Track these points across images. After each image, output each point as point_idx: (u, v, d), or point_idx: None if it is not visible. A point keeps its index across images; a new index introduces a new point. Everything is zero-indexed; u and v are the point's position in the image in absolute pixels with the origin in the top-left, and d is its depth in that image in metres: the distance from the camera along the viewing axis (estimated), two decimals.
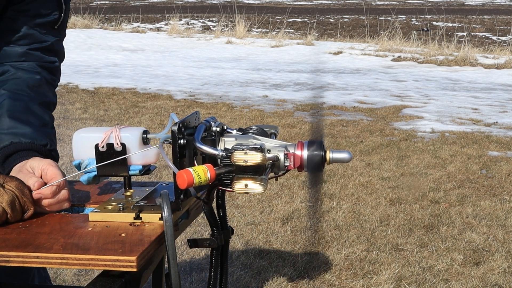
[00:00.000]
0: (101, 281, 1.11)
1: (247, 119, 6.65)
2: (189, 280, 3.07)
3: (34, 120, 1.43)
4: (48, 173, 1.28)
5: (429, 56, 11.59)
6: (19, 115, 1.42)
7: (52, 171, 1.28)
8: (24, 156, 1.35)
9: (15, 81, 1.48)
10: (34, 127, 1.42)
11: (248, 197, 4.17)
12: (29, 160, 1.32)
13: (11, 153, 1.36)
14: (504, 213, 4.05)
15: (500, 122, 6.73)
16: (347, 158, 1.19)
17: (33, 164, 1.31)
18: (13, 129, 1.39)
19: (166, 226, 1.11)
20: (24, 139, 1.38)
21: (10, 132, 1.38)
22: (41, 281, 1.83)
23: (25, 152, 1.36)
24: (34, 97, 1.48)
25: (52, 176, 1.27)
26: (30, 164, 1.31)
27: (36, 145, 1.39)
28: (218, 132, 1.21)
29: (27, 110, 1.44)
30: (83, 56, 11.60)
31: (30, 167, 1.30)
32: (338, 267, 3.27)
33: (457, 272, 3.25)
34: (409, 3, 29.55)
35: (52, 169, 1.28)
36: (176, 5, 21.91)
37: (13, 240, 1.14)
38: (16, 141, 1.37)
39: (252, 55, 12.40)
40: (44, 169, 1.29)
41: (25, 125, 1.40)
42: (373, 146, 5.65)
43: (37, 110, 1.46)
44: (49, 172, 1.28)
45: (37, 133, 1.41)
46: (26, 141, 1.38)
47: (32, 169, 1.30)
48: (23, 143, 1.37)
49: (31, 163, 1.31)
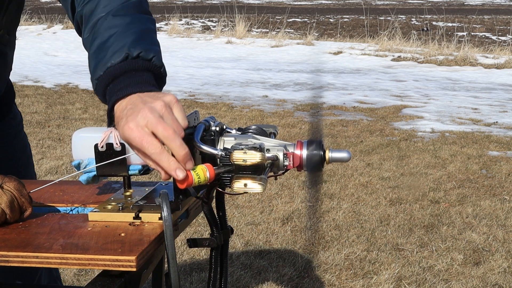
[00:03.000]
0: (101, 281, 1.11)
1: (247, 119, 6.65)
2: (189, 280, 3.07)
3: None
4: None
5: (429, 56, 11.58)
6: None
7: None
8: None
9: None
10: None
11: (248, 197, 4.17)
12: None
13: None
14: (504, 213, 4.05)
15: (500, 122, 6.73)
16: (347, 158, 1.19)
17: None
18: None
19: (166, 225, 1.10)
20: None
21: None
22: (51, 280, 1.83)
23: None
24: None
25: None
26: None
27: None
28: (218, 132, 1.21)
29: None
30: (83, 56, 11.53)
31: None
32: (338, 267, 3.27)
33: (457, 272, 3.25)
34: (409, 3, 29.55)
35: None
36: (176, 5, 21.91)
37: (12, 240, 1.14)
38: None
39: (252, 55, 12.40)
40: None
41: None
42: (373, 146, 5.65)
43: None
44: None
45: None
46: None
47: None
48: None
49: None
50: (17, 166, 1.72)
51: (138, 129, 1.03)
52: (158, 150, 1.03)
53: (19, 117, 1.79)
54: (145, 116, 1.03)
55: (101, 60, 1.17)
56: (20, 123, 1.78)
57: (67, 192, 1.42)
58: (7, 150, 1.71)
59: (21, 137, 1.78)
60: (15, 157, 1.73)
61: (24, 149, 1.78)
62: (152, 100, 1.06)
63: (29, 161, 1.80)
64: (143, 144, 1.03)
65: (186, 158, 1.05)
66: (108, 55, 1.16)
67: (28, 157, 1.80)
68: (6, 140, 1.71)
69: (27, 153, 1.79)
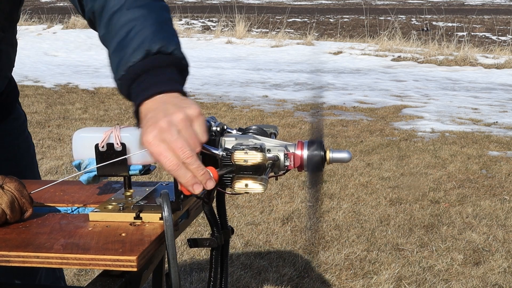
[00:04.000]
0: (101, 281, 1.11)
1: (247, 119, 6.65)
2: (189, 280, 3.07)
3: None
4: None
5: (429, 56, 11.58)
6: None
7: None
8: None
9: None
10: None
11: (248, 197, 4.17)
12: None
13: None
14: (504, 213, 4.05)
15: (500, 122, 6.73)
16: (347, 158, 1.19)
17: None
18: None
19: (166, 226, 1.11)
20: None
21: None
22: (55, 280, 1.83)
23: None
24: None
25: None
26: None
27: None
28: (218, 132, 1.21)
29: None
30: (83, 56, 11.60)
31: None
32: (338, 267, 3.27)
33: (457, 272, 3.25)
34: (409, 3, 29.55)
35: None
36: (176, 5, 21.90)
37: (13, 240, 1.14)
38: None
39: (252, 55, 12.40)
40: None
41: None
42: (373, 146, 5.65)
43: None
44: None
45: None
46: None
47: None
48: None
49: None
50: (21, 166, 1.72)
51: (156, 143, 1.03)
52: (175, 166, 1.04)
53: (23, 117, 1.78)
54: (163, 131, 1.03)
55: (122, 59, 1.15)
56: (24, 123, 1.77)
57: (68, 192, 1.42)
58: (10, 150, 1.70)
59: (24, 137, 1.77)
60: (18, 157, 1.73)
61: (28, 149, 1.78)
62: (174, 111, 1.05)
63: (33, 161, 1.80)
64: (161, 159, 1.04)
65: (206, 178, 1.06)
66: (128, 54, 1.15)
67: (32, 157, 1.79)
68: (10, 140, 1.70)
69: (30, 153, 1.79)
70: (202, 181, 1.06)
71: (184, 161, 1.03)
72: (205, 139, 1.07)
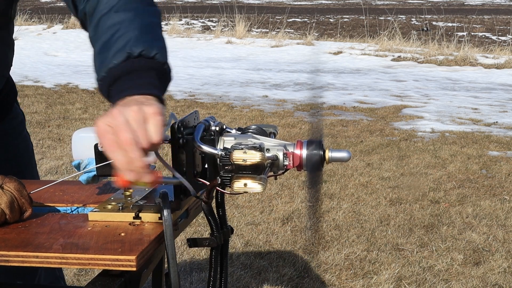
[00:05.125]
0: (101, 280, 1.11)
1: (247, 119, 6.65)
2: (189, 280, 3.07)
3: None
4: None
5: (429, 56, 11.58)
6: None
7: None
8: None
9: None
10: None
11: (248, 197, 4.17)
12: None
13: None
14: (504, 213, 4.05)
15: (500, 122, 6.73)
16: (346, 157, 1.19)
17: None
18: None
19: (166, 225, 1.11)
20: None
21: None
22: (54, 280, 1.83)
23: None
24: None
25: None
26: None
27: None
28: (217, 132, 1.21)
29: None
30: (83, 56, 11.60)
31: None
32: (338, 267, 3.27)
33: (457, 272, 3.25)
34: (409, 3, 29.54)
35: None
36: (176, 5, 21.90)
37: (12, 240, 1.14)
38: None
39: (252, 55, 12.40)
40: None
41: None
42: (373, 146, 5.65)
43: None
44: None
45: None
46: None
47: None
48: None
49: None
50: (19, 166, 1.72)
51: (102, 126, 1.03)
52: (113, 147, 1.01)
53: (21, 116, 1.77)
54: (113, 117, 1.03)
55: (104, 60, 1.16)
56: (22, 123, 1.77)
57: (67, 192, 1.42)
58: (9, 150, 1.70)
59: (23, 136, 1.77)
60: (17, 157, 1.72)
61: (26, 148, 1.77)
62: (131, 106, 1.05)
63: (31, 161, 1.80)
64: (101, 138, 1.03)
65: (142, 170, 1.01)
66: (110, 55, 1.15)
67: (30, 157, 1.79)
68: (8, 140, 1.70)
69: (29, 153, 1.79)
70: (138, 171, 1.02)
71: (124, 148, 1.01)
72: (157, 140, 1.03)
